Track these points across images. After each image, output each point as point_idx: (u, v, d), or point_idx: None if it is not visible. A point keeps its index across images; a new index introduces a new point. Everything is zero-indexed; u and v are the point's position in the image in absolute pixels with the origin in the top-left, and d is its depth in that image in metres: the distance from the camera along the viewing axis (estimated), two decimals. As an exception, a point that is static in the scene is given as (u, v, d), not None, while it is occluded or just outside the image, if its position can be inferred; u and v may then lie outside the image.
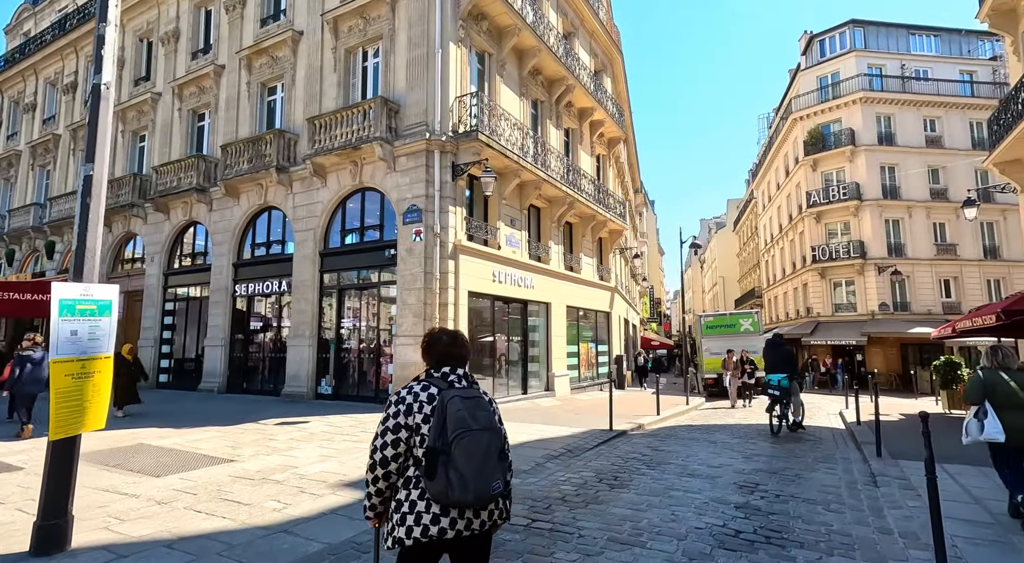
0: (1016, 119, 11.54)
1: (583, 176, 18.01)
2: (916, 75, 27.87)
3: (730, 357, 15.88)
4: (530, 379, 15.04)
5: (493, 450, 1.90)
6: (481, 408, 1.98)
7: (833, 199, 27.69)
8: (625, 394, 17.98)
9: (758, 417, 11.93)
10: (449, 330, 2.29)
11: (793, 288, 32.40)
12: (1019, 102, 11.44)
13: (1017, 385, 4.55)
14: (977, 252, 26.62)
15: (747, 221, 49.52)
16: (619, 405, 13.53)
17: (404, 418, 1.96)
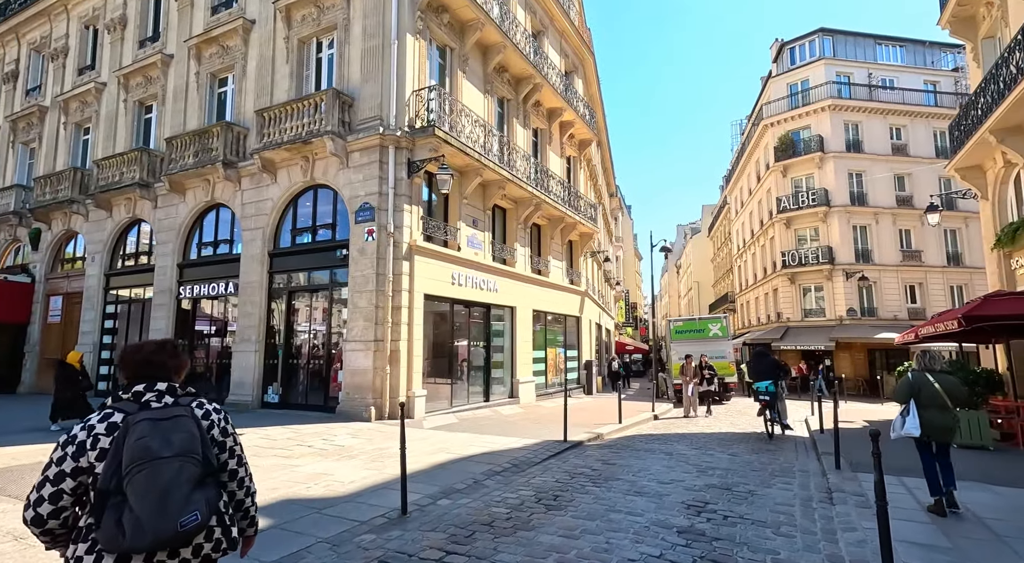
0: (976, 124, 11.52)
1: (551, 177, 17.64)
2: (882, 84, 28.35)
3: (689, 363, 14.68)
4: (493, 386, 14.51)
5: (184, 480, 1.56)
6: (180, 429, 1.64)
7: (802, 205, 27.90)
8: (593, 401, 17.59)
9: (720, 425, 11.62)
10: (159, 339, 1.89)
11: (764, 293, 32.59)
12: (979, 108, 11.43)
13: (940, 387, 5.13)
14: (941, 259, 27.08)
15: (721, 227, 49.98)
16: (582, 413, 13.15)
17: (72, 463, 1.56)
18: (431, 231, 12.27)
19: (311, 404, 11.55)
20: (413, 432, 9.13)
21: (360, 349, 10.66)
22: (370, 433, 8.94)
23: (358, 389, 10.57)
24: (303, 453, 7.31)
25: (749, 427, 11.78)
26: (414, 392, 10.92)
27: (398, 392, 10.64)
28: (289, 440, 8.26)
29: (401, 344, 10.82)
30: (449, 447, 7.86)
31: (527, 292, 16.20)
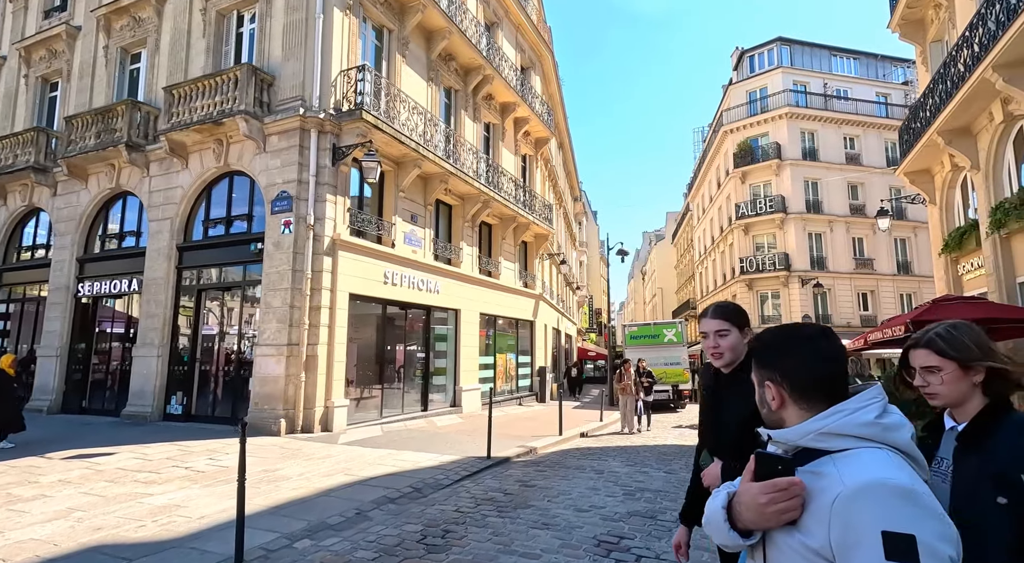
0: (924, 126, 11.29)
1: (503, 174, 16.84)
2: (837, 94, 28.79)
3: (627, 368, 12.56)
4: (433, 394, 13.52)
5: None
6: None
7: (760, 212, 27.98)
8: (544, 409, 16.76)
9: (667, 437, 10.97)
10: None
11: (724, 299, 32.56)
12: (927, 109, 11.19)
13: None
14: (891, 267, 27.55)
15: (684, 233, 50.31)
16: (526, 423, 12.31)
17: None
18: (361, 226, 11.25)
19: (219, 416, 10.32)
20: (323, 448, 8.09)
21: (272, 354, 9.53)
22: (270, 450, 7.85)
23: (268, 399, 9.43)
24: (172, 478, 6.19)
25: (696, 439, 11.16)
26: (333, 402, 9.84)
27: (314, 402, 9.55)
28: (168, 460, 7.10)
29: (320, 349, 9.74)
30: (352, 467, 6.86)
31: (474, 294, 15.31)
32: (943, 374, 1.42)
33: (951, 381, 1.42)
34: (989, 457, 1.33)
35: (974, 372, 1.40)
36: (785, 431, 1.08)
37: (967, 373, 1.40)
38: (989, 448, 1.34)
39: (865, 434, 0.99)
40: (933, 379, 1.45)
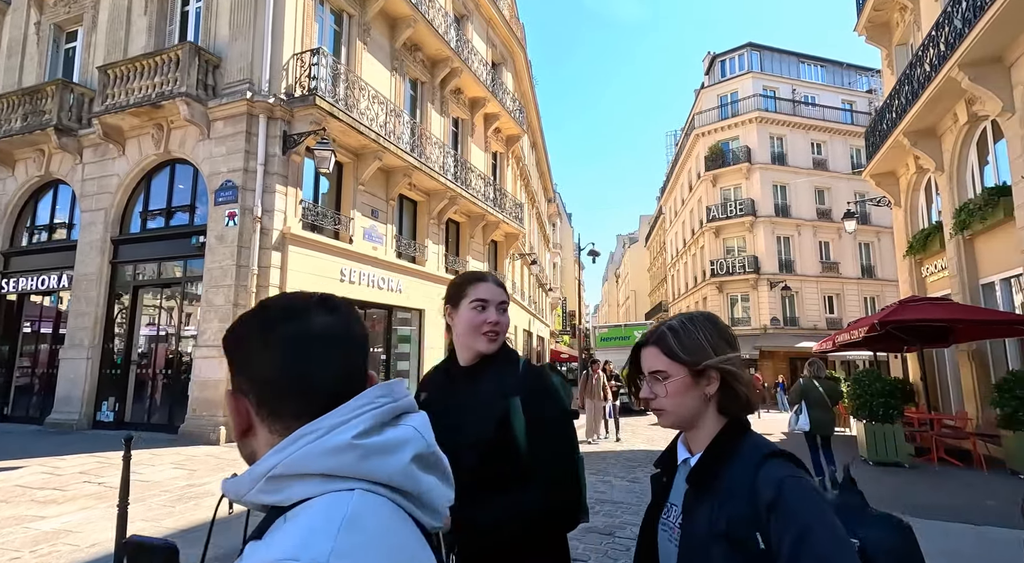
0: (890, 128, 11.28)
1: (472, 171, 16.35)
2: (805, 100, 29.28)
3: (595, 370, 11.13)
4: (394, 398, 12.89)
5: None
6: None
7: (731, 214, 28.19)
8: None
9: (635, 441, 10.62)
10: None
11: (695, 302, 32.77)
12: (893, 110, 11.20)
13: (823, 390, 6.40)
14: (856, 271, 28.09)
15: (656, 236, 50.68)
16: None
17: None
18: (316, 220, 10.60)
19: (155, 423, 9.51)
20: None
21: (213, 356, 8.81)
22: (202, 461, 7.16)
23: (207, 405, 8.70)
24: (78, 496, 5.48)
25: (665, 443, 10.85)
26: (281, 407, 9.15)
27: (259, 408, 8.85)
28: (80, 475, 6.36)
29: (266, 350, 9.05)
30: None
31: (440, 294, 14.70)
32: (668, 383, 1.02)
33: (676, 391, 1.02)
34: (719, 505, 0.91)
35: (706, 381, 1.02)
36: (228, 482, 0.62)
37: (697, 382, 1.02)
38: (720, 491, 0.93)
39: (333, 468, 0.58)
40: (659, 389, 1.04)
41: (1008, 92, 7.82)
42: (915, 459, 8.20)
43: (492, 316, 1.40)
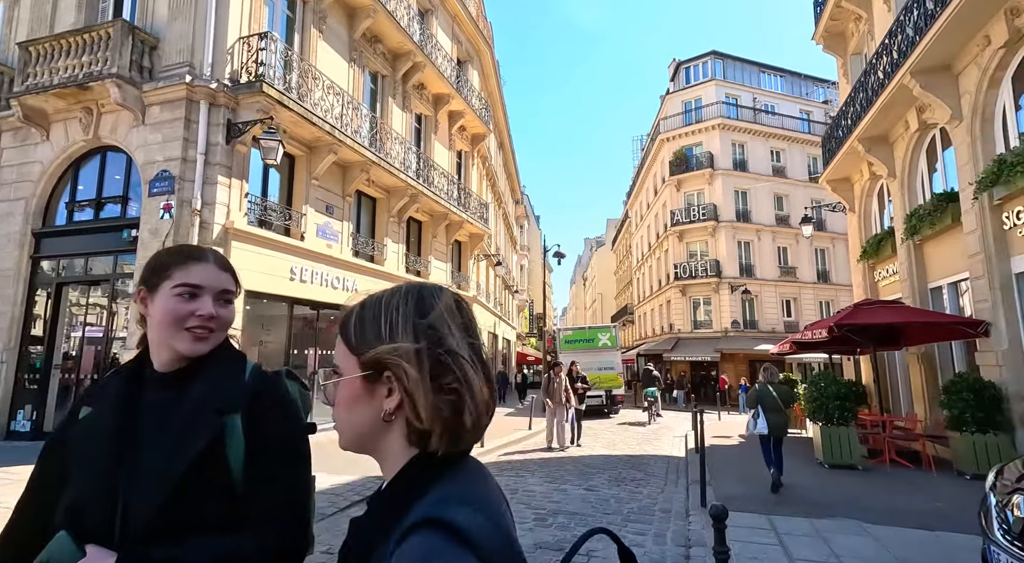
0: (846, 134, 11.50)
1: (435, 169, 15.92)
2: (765, 109, 30.05)
3: (557, 373, 10.47)
4: (348, 403, 12.35)
5: None
6: None
7: (694, 219, 28.62)
8: (472, 417, 15.94)
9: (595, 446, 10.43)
10: None
11: (659, 305, 33.15)
12: (848, 117, 11.41)
13: (777, 394, 6.70)
14: (812, 275, 28.94)
15: (623, 240, 51.22)
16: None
17: None
18: (265, 215, 10.01)
19: (78, 432, 8.71)
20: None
21: (143, 359, 8.11)
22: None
23: (135, 412, 8.00)
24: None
25: (625, 447, 10.72)
26: (219, 414, 8.53)
27: (195, 415, 8.21)
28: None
29: (204, 353, 8.41)
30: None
31: (399, 295, 14.25)
32: (338, 385, 0.71)
33: (344, 399, 0.70)
34: None
35: (385, 389, 0.68)
36: None
37: (373, 389, 0.68)
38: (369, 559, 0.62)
39: None
40: (329, 393, 0.73)
41: (956, 100, 8.00)
42: (868, 461, 8.27)
43: (205, 308, 1.05)
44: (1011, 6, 6.63)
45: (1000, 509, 2.75)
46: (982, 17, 6.99)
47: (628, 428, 14.32)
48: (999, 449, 6.92)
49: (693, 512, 5.36)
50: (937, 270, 9.46)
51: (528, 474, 7.33)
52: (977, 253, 7.72)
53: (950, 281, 9.08)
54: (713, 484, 6.79)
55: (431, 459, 0.66)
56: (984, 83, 7.49)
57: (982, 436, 7.02)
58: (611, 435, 12.61)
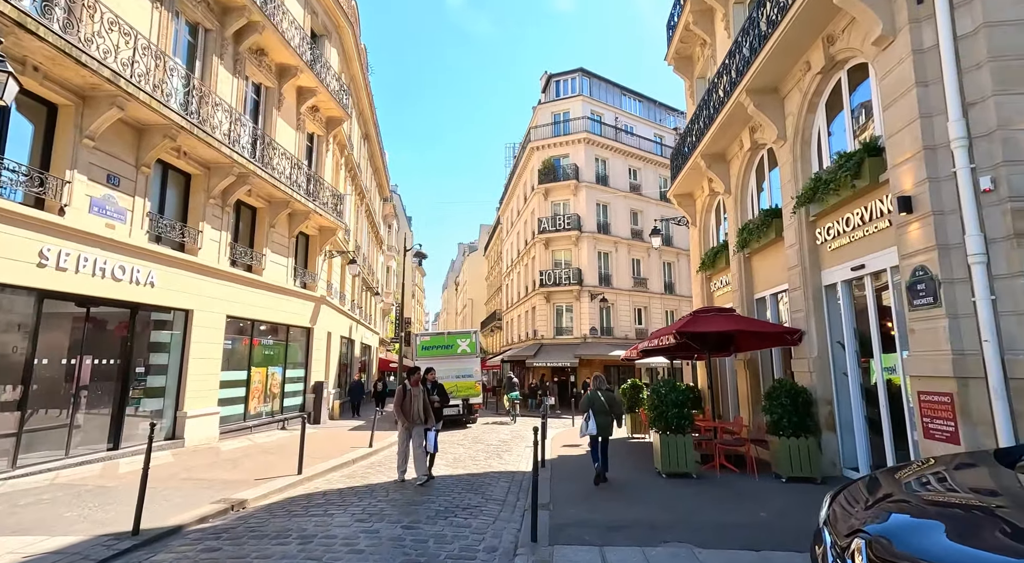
0: (690, 151, 12.06)
1: (275, 148, 13.80)
2: (625, 129, 32.07)
3: (413, 381, 8.19)
4: (137, 424, 9.85)
5: None
6: None
7: (560, 228, 29.37)
8: (315, 433, 14.00)
9: (439, 465, 9.42)
10: None
11: (525, 311, 33.50)
12: (693, 134, 11.97)
13: (604, 400, 7.61)
14: (661, 287, 31.38)
15: (494, 246, 51.52)
16: (265, 458, 9.47)
17: None
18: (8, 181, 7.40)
19: None
20: None
21: None
22: None
23: None
24: None
25: (471, 464, 9.88)
26: None
27: None
28: None
29: None
30: None
31: (220, 292, 11.95)
32: None
33: None
34: None
35: None
36: None
37: None
38: None
39: None
40: None
41: (782, 121, 8.55)
42: (701, 467, 8.40)
43: None
44: (827, 33, 7.11)
45: (838, 554, 2.27)
46: (805, 41, 7.44)
47: (481, 439, 13.60)
48: (808, 451, 7.33)
49: (522, 550, 4.59)
50: (762, 281, 10.14)
51: (339, 511, 6.05)
52: (795, 266, 8.25)
53: (772, 292, 9.75)
54: (552, 507, 6.18)
55: None
56: (804, 107, 8.04)
57: (796, 440, 7.38)
58: (460, 449, 11.73)
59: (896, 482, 2.64)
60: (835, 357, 7.73)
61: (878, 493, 2.58)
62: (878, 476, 2.83)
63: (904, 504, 2.43)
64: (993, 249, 4.94)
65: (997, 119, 4.96)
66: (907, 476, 2.71)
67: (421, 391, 8.20)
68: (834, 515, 2.56)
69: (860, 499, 2.57)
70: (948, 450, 5.10)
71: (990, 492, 2.48)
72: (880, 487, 2.65)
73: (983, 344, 4.86)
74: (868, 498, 2.56)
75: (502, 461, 10.14)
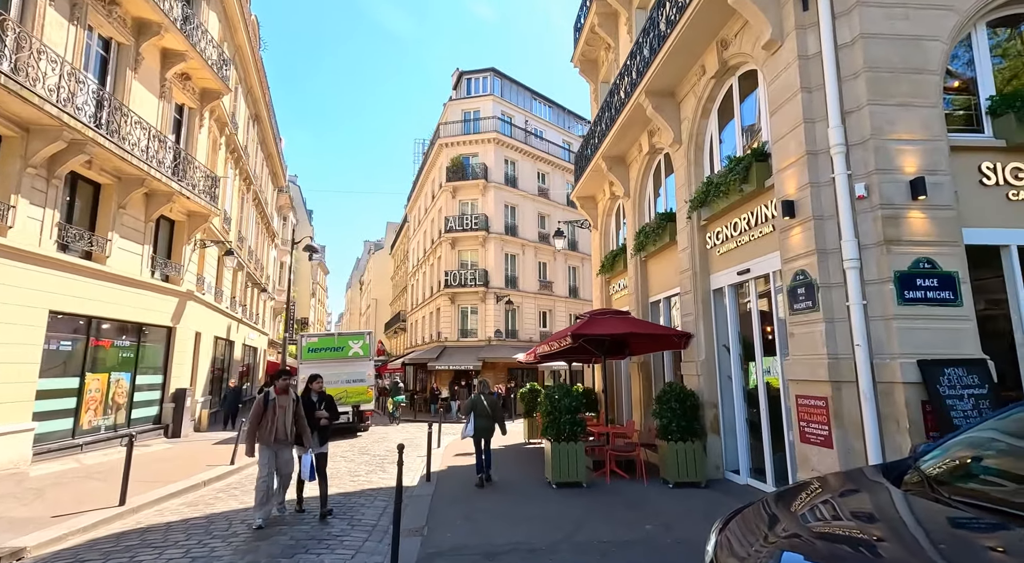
0: (594, 152, 11.98)
1: (127, 114, 11.71)
2: (535, 133, 32.26)
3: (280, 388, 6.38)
4: None
5: None
6: None
7: (467, 227, 28.74)
8: (170, 449, 12.07)
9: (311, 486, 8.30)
10: None
11: (430, 312, 32.42)
12: (596, 136, 11.90)
13: (487, 404, 7.91)
14: (565, 291, 31.86)
15: (401, 244, 49.72)
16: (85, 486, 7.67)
17: None
18: None
19: None
20: None
21: None
22: None
23: None
24: None
25: (348, 480, 8.86)
26: None
27: None
28: None
29: None
30: None
31: (39, 282, 9.78)
32: None
33: None
34: None
35: None
36: None
37: None
38: None
39: None
40: None
41: (678, 124, 8.58)
42: (592, 474, 8.13)
43: None
44: (722, 38, 7.14)
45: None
46: (701, 44, 7.45)
47: (369, 450, 12.51)
48: (695, 455, 7.29)
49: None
50: (657, 285, 10.20)
51: (153, 556, 4.84)
52: (687, 269, 8.27)
53: (666, 295, 9.82)
54: (428, 530, 5.45)
55: None
56: (698, 112, 8.10)
57: (683, 444, 7.31)
58: (341, 463, 10.59)
59: (790, 514, 2.28)
60: (721, 360, 7.81)
61: (770, 527, 2.18)
62: (771, 505, 2.47)
63: (796, 540, 2.04)
64: (865, 255, 5.03)
65: (871, 128, 5.07)
66: (800, 506, 2.36)
67: (292, 401, 6.42)
68: (722, 548, 2.13)
69: (751, 533, 2.15)
70: (822, 454, 5.13)
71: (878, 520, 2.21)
72: (772, 519, 2.27)
73: (855, 348, 4.91)
74: (759, 533, 2.15)
75: (386, 475, 9.22)
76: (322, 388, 7.03)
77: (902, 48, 5.18)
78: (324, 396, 6.96)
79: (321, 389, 7.00)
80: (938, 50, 5.22)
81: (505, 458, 10.64)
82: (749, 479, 7.21)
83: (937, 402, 4.49)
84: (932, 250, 4.88)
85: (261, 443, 6.14)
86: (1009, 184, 5.20)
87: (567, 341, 8.45)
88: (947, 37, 5.25)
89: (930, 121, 5.10)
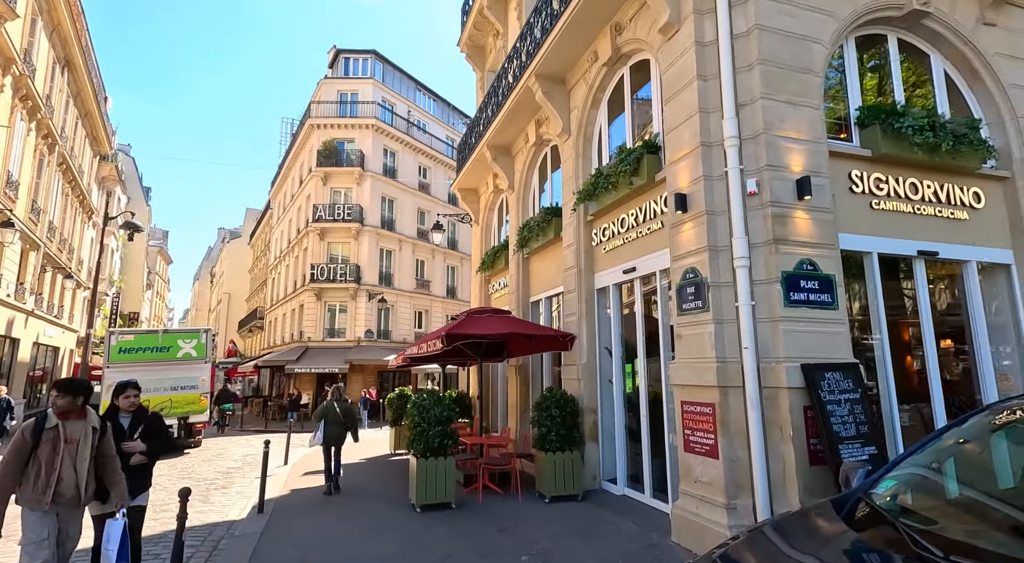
0: (478, 141, 11.21)
1: None
2: (418, 125, 30.82)
3: (64, 407, 3.62)
4: None
5: None
6: None
7: (338, 218, 26.33)
8: None
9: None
10: None
11: (292, 309, 29.20)
12: (481, 124, 11.15)
13: (340, 410, 7.84)
14: (443, 291, 30.78)
15: (262, 233, 44.60)
16: None
17: None
18: None
19: None
20: None
21: None
22: None
23: None
24: None
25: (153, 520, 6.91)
26: None
27: None
28: None
29: None
30: None
31: None
32: None
33: None
34: None
35: None
36: None
37: None
38: None
39: None
40: None
41: (567, 113, 8.11)
42: (463, 490, 7.26)
43: None
44: (616, 21, 6.76)
45: None
46: (594, 26, 7.03)
47: (195, 472, 10.29)
48: (573, 466, 6.78)
49: None
50: (540, 284, 9.69)
51: None
52: (571, 267, 7.80)
53: (548, 295, 9.33)
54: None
55: None
56: (589, 101, 7.69)
57: (561, 454, 6.76)
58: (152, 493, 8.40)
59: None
60: (602, 363, 7.44)
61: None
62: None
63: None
64: (755, 253, 4.82)
65: (763, 123, 4.89)
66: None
67: (92, 430, 3.69)
68: None
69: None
70: (707, 464, 4.80)
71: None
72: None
73: (743, 351, 4.66)
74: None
75: (206, 506, 7.41)
76: (135, 405, 4.36)
77: (793, 46, 5.11)
78: (143, 416, 4.36)
79: (134, 406, 4.34)
80: (821, 53, 5.25)
81: (367, 474, 9.35)
82: (626, 489, 6.88)
83: (819, 407, 4.35)
84: (814, 252, 4.81)
85: (27, 506, 3.47)
86: (872, 193, 5.39)
87: (440, 344, 7.46)
88: (828, 42, 5.31)
89: (814, 122, 5.08)
